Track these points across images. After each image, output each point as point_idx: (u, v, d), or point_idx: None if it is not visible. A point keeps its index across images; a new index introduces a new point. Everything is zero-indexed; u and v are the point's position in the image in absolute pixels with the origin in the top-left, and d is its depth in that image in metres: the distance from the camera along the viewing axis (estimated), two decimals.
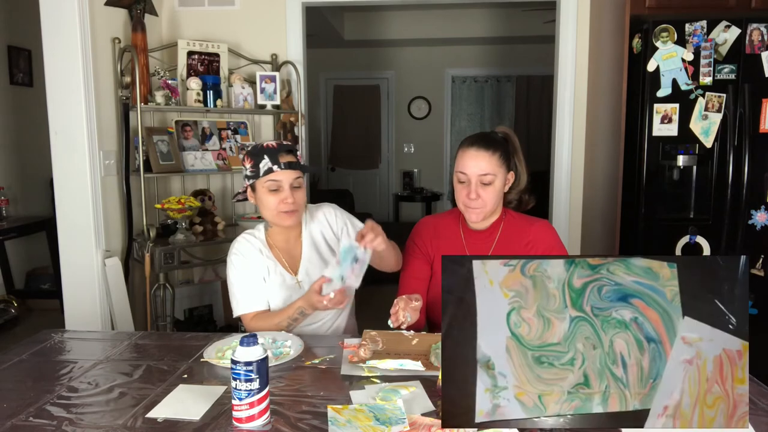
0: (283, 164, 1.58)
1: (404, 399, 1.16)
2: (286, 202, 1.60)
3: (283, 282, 1.69)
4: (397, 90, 7.01)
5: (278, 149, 1.60)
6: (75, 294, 2.62)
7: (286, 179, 1.60)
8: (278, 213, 1.62)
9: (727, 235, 2.57)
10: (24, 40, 4.20)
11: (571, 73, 3.14)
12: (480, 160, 1.58)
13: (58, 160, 2.57)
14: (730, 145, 2.52)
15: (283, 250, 1.73)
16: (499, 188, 1.63)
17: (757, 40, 2.46)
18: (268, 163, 1.58)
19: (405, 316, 1.46)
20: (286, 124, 3.22)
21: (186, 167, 2.91)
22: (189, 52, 2.97)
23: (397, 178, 7.16)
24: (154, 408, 1.14)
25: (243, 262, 1.70)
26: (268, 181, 1.60)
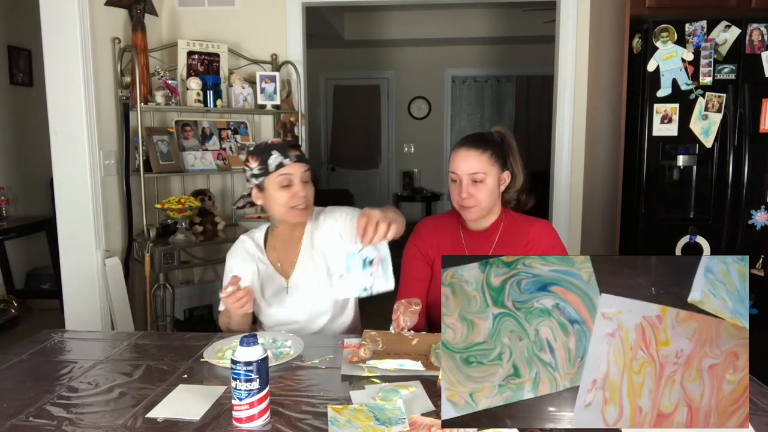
0: (293, 157, 1.58)
1: (404, 399, 1.15)
2: (297, 196, 1.58)
3: (272, 284, 1.69)
4: (397, 90, 7.01)
5: (284, 144, 1.60)
6: (75, 294, 2.62)
7: (297, 172, 1.59)
8: (289, 209, 1.60)
9: (727, 235, 2.57)
10: (24, 40, 4.20)
11: (571, 73, 3.14)
12: (469, 159, 1.60)
13: (58, 160, 2.57)
14: (730, 145, 2.52)
15: (281, 251, 1.72)
16: (492, 186, 1.63)
17: (757, 40, 2.46)
18: (278, 158, 1.56)
19: (405, 320, 1.46)
20: (286, 124, 3.22)
21: (186, 167, 2.91)
22: (189, 52, 2.97)
23: (397, 178, 7.17)
24: (154, 408, 1.14)
25: (233, 264, 1.74)
26: (279, 176, 1.58)
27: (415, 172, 7.07)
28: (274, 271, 1.70)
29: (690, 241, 2.59)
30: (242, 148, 3.12)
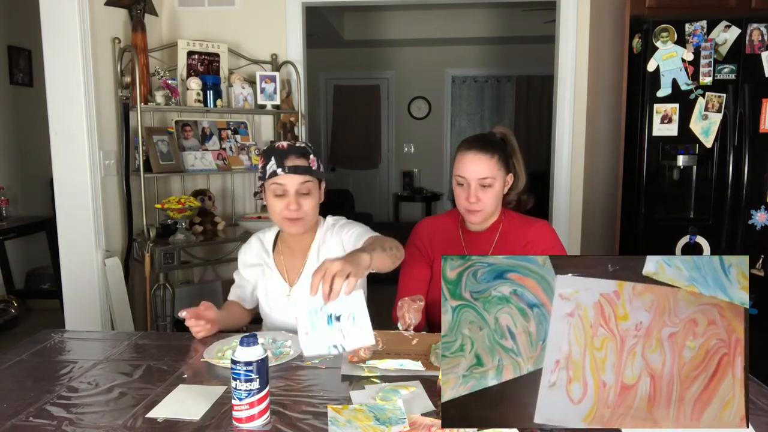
0: (288, 168, 1.50)
1: (404, 399, 1.15)
2: (289, 208, 1.53)
3: (275, 289, 1.68)
4: (397, 90, 7.00)
5: (287, 151, 1.52)
6: (75, 294, 2.62)
7: (291, 184, 1.52)
8: (282, 219, 1.56)
9: (727, 235, 2.57)
10: (24, 40, 4.20)
11: (571, 73, 3.14)
12: (479, 163, 1.58)
13: (58, 160, 2.57)
14: (730, 145, 2.52)
15: (288, 257, 1.69)
16: (499, 191, 1.63)
17: (757, 40, 2.46)
18: (273, 166, 1.51)
19: (410, 317, 1.46)
20: (286, 124, 3.22)
21: (186, 167, 2.91)
22: (189, 52, 2.97)
23: (397, 178, 7.16)
24: (154, 408, 1.14)
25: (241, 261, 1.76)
26: (272, 185, 1.54)
27: (415, 172, 7.07)
28: (279, 276, 1.68)
29: (690, 241, 2.59)
30: (242, 148, 3.12)
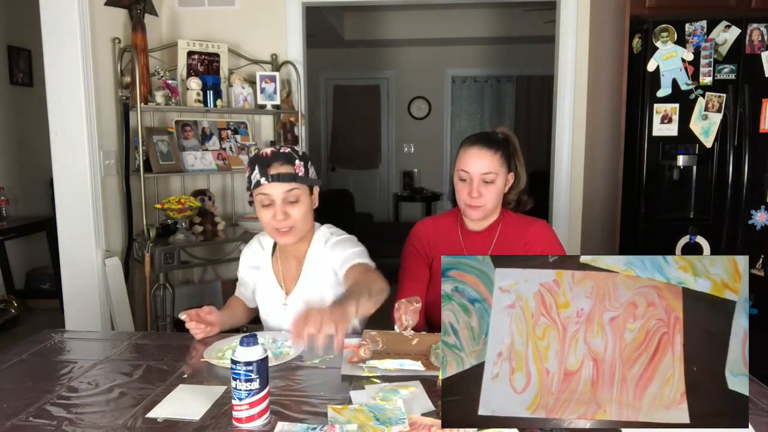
0: (271, 176, 1.43)
1: (404, 399, 1.16)
2: (276, 218, 1.46)
3: (271, 295, 1.66)
4: (397, 90, 7.00)
5: (270, 158, 1.45)
6: (75, 294, 2.62)
7: (276, 193, 1.45)
8: (272, 230, 1.51)
9: (727, 235, 2.57)
10: (24, 40, 4.20)
11: (571, 73, 3.14)
12: (482, 158, 1.59)
13: (58, 160, 2.57)
14: (730, 145, 2.52)
15: (284, 263, 1.66)
16: (500, 188, 1.63)
17: (757, 40, 2.46)
18: (257, 175, 1.45)
19: (407, 319, 1.46)
20: (286, 124, 3.22)
21: (186, 167, 2.91)
22: (189, 52, 2.97)
23: (397, 178, 7.16)
24: (154, 408, 1.14)
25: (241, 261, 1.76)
26: (258, 195, 1.48)
27: (415, 172, 7.07)
28: (276, 283, 1.65)
29: (690, 241, 2.59)
30: (242, 148, 3.12)
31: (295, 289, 1.62)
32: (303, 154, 1.52)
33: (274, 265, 1.67)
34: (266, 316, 1.69)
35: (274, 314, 1.66)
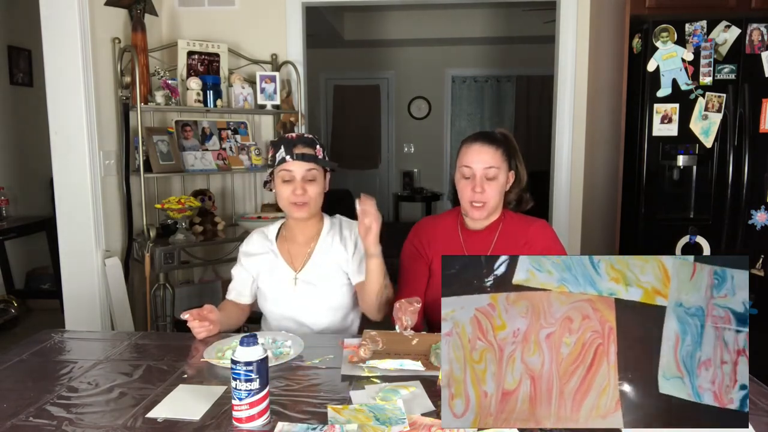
0: (296, 155, 1.60)
1: (404, 399, 1.16)
2: (296, 193, 1.62)
3: (280, 276, 1.71)
4: (397, 90, 7.00)
5: (296, 141, 1.63)
6: (75, 294, 2.62)
7: (298, 170, 1.62)
8: (290, 204, 1.65)
9: (727, 235, 2.57)
10: (24, 40, 4.20)
11: (571, 73, 3.14)
12: (484, 154, 1.61)
13: (58, 160, 2.57)
14: (730, 145, 2.52)
15: (294, 244, 1.74)
16: (502, 184, 1.64)
17: (757, 40, 2.46)
18: (282, 153, 1.61)
19: (406, 320, 1.46)
20: (286, 124, 3.22)
21: (186, 167, 2.91)
22: (189, 52, 2.97)
23: (397, 178, 7.16)
24: (154, 408, 1.14)
25: (240, 258, 1.79)
26: (281, 171, 1.63)
27: (415, 172, 7.07)
28: (284, 263, 1.72)
29: (690, 241, 2.59)
30: (242, 148, 3.12)
31: (307, 266, 1.70)
32: (321, 143, 1.70)
33: (280, 247, 1.74)
34: (274, 299, 1.71)
35: (284, 294, 1.70)
